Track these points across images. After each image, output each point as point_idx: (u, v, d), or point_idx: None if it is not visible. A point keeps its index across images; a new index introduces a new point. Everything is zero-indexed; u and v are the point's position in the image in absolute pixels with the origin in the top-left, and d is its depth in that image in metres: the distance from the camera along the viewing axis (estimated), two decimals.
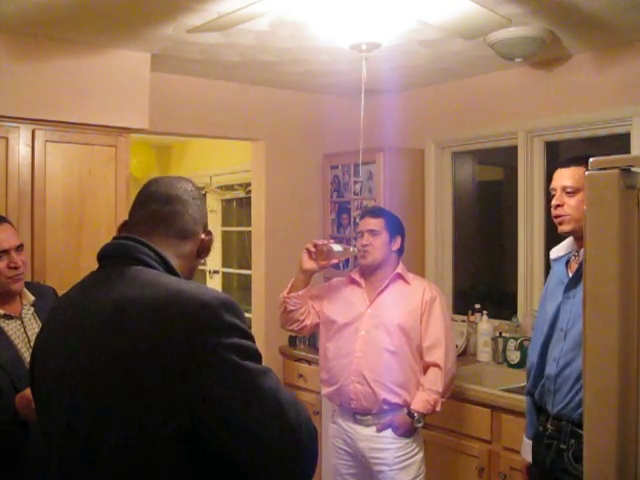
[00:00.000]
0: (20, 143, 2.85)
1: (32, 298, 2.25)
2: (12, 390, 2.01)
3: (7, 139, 2.82)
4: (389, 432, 2.66)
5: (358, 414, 2.72)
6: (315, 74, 3.64)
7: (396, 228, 2.83)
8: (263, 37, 2.92)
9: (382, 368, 2.68)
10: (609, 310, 1.19)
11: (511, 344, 3.38)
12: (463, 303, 3.94)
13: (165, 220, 1.35)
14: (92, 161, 3.04)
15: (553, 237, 2.27)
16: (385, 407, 2.66)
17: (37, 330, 2.16)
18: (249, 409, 1.14)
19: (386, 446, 2.65)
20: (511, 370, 3.33)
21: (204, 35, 2.83)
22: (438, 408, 2.67)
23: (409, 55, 3.23)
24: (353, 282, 2.86)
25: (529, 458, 2.29)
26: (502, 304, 3.77)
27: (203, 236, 1.41)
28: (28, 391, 1.91)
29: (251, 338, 1.21)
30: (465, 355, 3.69)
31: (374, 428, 2.68)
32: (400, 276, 2.78)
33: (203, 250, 1.42)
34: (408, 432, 2.65)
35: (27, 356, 2.11)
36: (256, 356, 1.20)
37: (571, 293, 2.10)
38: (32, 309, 2.24)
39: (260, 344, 3.63)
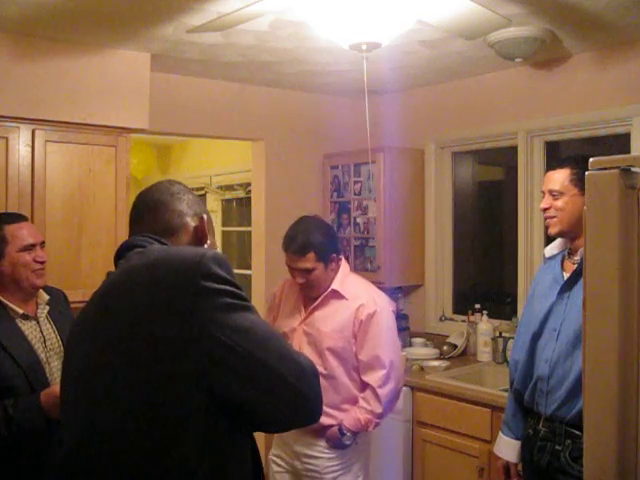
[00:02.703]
0: (20, 143, 2.85)
1: (47, 297, 2.26)
2: (29, 393, 2.01)
3: (7, 139, 2.82)
4: (324, 441, 2.55)
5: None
6: (315, 74, 3.64)
7: (328, 249, 2.56)
8: (263, 37, 2.92)
9: None
10: (609, 310, 1.19)
11: (511, 344, 3.38)
12: (463, 303, 3.94)
13: (155, 226, 1.40)
14: (92, 161, 3.04)
15: (552, 237, 2.27)
16: (319, 428, 2.52)
17: (51, 331, 2.21)
18: (255, 349, 1.20)
19: (319, 454, 2.54)
20: None
21: (204, 35, 2.83)
22: (370, 428, 2.53)
23: (409, 55, 3.23)
24: (293, 287, 2.70)
25: (508, 457, 2.28)
26: (502, 304, 3.77)
27: (194, 223, 1.43)
28: (54, 388, 1.92)
29: (239, 287, 1.26)
30: (465, 355, 3.70)
31: (310, 436, 2.56)
32: (335, 293, 2.57)
33: (202, 235, 1.43)
34: (339, 446, 2.52)
35: (43, 357, 2.13)
36: (246, 299, 1.26)
37: (565, 294, 2.09)
38: (47, 308, 2.25)
39: None
